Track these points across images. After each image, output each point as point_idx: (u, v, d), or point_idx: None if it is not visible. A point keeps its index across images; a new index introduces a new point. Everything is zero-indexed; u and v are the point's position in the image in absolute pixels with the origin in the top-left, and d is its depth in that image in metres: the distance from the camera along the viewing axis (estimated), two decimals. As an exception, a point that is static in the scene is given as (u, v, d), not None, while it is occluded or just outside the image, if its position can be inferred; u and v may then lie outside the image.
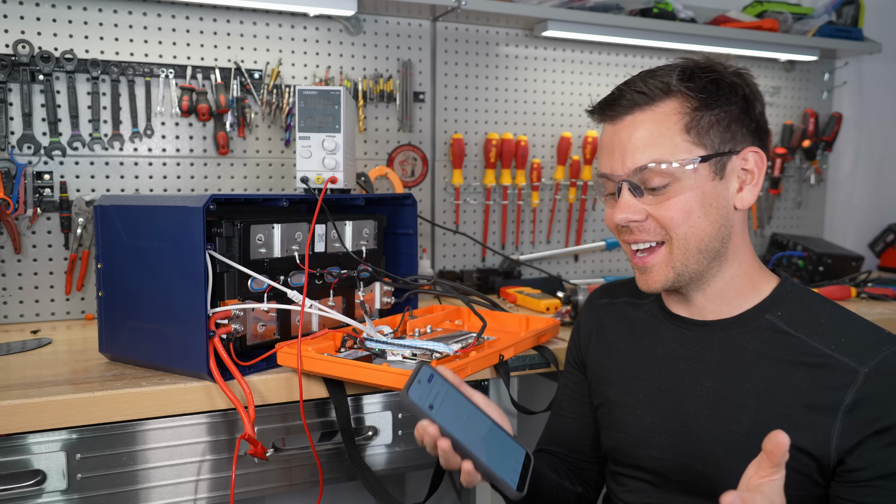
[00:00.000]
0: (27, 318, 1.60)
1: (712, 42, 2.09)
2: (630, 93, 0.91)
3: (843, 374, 0.84)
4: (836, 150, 2.54)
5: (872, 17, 2.41)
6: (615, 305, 1.10)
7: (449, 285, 1.49)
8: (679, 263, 0.91)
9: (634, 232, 0.93)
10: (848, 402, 0.83)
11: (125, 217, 1.16)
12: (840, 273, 2.08)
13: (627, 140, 0.90)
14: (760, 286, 0.95)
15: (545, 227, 2.15)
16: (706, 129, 0.89)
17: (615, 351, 1.05)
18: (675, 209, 0.89)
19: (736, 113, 0.91)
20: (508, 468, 0.82)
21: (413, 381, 0.80)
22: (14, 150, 1.55)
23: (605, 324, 1.09)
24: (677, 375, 0.96)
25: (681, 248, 0.90)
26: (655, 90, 0.90)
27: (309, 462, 1.20)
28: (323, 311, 1.17)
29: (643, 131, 0.90)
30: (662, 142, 0.89)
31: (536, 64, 2.09)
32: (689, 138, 0.88)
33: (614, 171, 0.92)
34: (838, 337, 0.88)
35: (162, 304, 1.12)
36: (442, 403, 0.82)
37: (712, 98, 0.89)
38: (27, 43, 1.54)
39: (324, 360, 1.09)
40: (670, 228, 0.90)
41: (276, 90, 1.78)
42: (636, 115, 0.91)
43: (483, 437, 0.82)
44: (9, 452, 1.02)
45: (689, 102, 0.89)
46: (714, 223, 0.90)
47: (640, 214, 0.91)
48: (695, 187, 0.89)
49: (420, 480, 1.85)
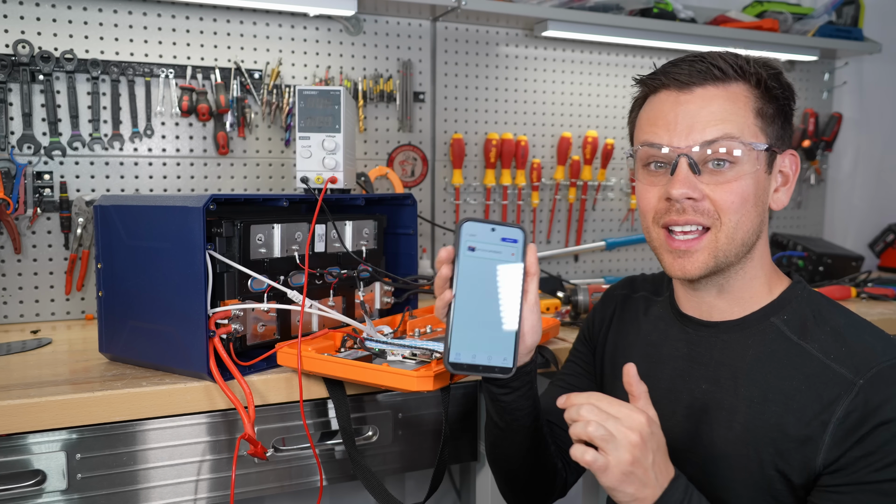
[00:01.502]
0: (27, 318, 1.60)
1: (712, 42, 2.09)
2: (706, 64, 0.87)
3: (839, 385, 0.81)
4: (836, 150, 2.54)
5: (872, 17, 2.41)
6: (633, 299, 1.10)
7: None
8: (722, 253, 0.87)
9: (687, 211, 0.86)
10: (840, 415, 0.80)
11: (125, 217, 1.16)
12: (840, 273, 2.08)
13: (697, 111, 0.86)
14: (774, 288, 0.93)
15: (545, 228, 2.15)
16: (770, 119, 0.88)
17: (624, 344, 1.06)
18: (736, 192, 0.85)
19: (789, 113, 0.91)
20: (471, 346, 0.79)
21: (487, 223, 0.77)
22: (14, 150, 1.55)
23: (619, 315, 1.10)
24: (678, 375, 0.95)
25: (729, 236, 0.86)
26: (730, 69, 0.86)
27: (309, 462, 1.20)
28: (323, 311, 1.17)
29: (717, 105, 0.86)
30: (736, 119, 0.85)
31: (536, 64, 2.09)
32: (758, 123, 0.87)
33: (673, 142, 0.86)
34: (839, 346, 0.84)
35: (162, 304, 1.12)
36: (485, 258, 0.78)
37: (778, 91, 0.88)
38: (27, 43, 1.54)
39: (324, 360, 1.09)
40: (725, 213, 0.86)
41: (276, 90, 1.78)
42: (708, 89, 0.87)
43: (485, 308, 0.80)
44: (9, 452, 1.02)
45: (759, 89, 0.87)
46: (758, 217, 0.88)
47: (698, 193, 0.86)
48: (753, 175, 0.86)
49: (420, 480, 1.85)
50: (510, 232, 0.79)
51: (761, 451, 0.84)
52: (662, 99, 0.90)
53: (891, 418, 0.78)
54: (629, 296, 1.11)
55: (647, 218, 0.92)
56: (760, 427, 0.85)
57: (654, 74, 0.92)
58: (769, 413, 0.85)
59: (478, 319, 0.80)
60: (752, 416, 0.86)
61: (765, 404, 0.85)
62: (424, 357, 1.12)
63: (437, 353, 1.11)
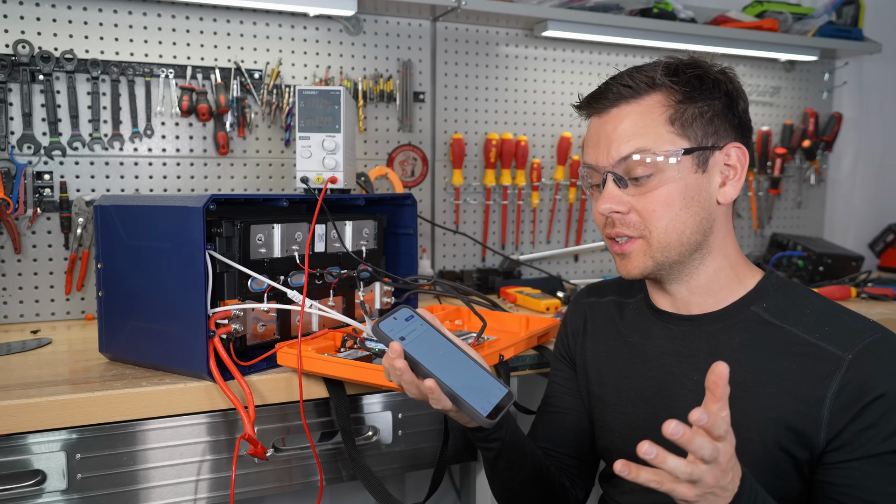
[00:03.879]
0: (27, 318, 1.60)
1: (712, 42, 2.09)
2: (616, 86, 0.93)
3: (829, 362, 0.85)
4: (836, 150, 2.54)
5: (872, 17, 2.41)
6: (602, 304, 1.11)
7: (449, 285, 1.49)
8: (658, 254, 0.92)
9: (617, 225, 0.93)
10: (834, 390, 0.84)
11: (125, 217, 1.16)
12: (840, 273, 2.08)
13: (613, 131, 0.92)
14: (746, 279, 0.96)
15: (545, 227, 2.15)
16: (690, 122, 0.90)
17: (604, 350, 1.06)
18: (658, 201, 0.90)
19: (719, 108, 0.92)
20: (480, 398, 0.83)
21: (388, 317, 0.84)
22: (14, 150, 1.55)
23: (592, 322, 1.10)
24: (667, 371, 0.97)
25: (660, 240, 0.91)
26: (641, 84, 0.91)
27: (309, 462, 1.20)
28: (323, 311, 1.17)
29: (628, 122, 0.91)
30: (647, 132, 0.90)
31: (536, 64, 2.09)
32: (673, 130, 0.90)
33: (599, 161, 0.93)
34: (822, 326, 0.89)
35: (162, 304, 1.12)
36: (416, 338, 0.84)
37: (696, 92, 0.91)
38: (27, 43, 1.54)
39: (323, 360, 1.09)
40: (651, 222, 0.91)
41: (276, 90, 1.78)
42: (622, 108, 0.92)
43: (456, 368, 0.84)
44: (9, 452, 1.02)
45: (674, 96, 0.91)
46: (695, 216, 0.91)
47: (623, 206, 0.92)
48: (678, 179, 0.90)
49: (420, 480, 1.85)
50: (401, 313, 0.87)
51: (762, 432, 0.87)
52: (591, 123, 0.97)
53: (885, 391, 0.82)
54: (597, 302, 1.12)
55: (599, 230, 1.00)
56: (757, 410, 0.87)
57: (580, 104, 0.98)
58: (764, 395, 0.88)
59: (463, 379, 0.84)
60: (748, 400, 0.88)
61: (758, 387, 0.88)
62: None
63: None
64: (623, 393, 1.01)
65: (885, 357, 0.84)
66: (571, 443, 1.11)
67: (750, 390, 0.88)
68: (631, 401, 0.99)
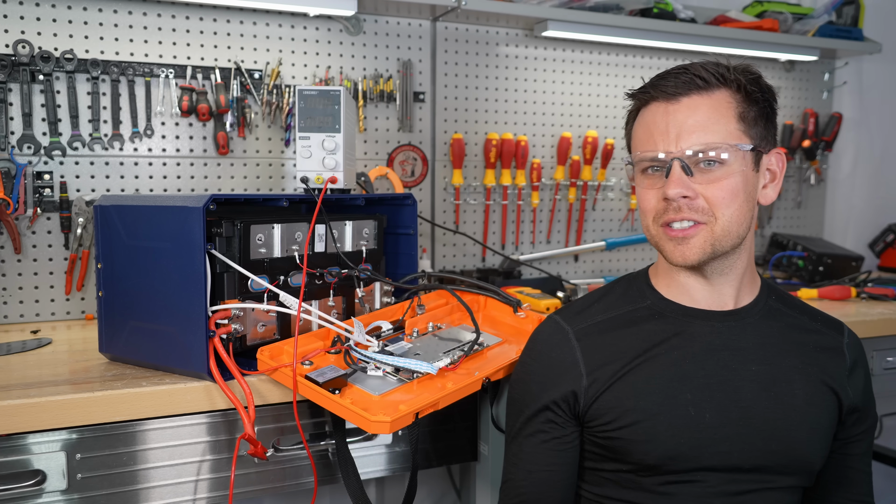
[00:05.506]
0: (27, 318, 1.60)
1: (712, 42, 2.09)
2: (689, 75, 0.95)
3: (835, 342, 1.03)
4: (836, 150, 2.54)
5: (872, 17, 2.41)
6: (602, 323, 1.02)
7: (459, 279, 1.49)
8: (718, 242, 0.95)
9: (683, 210, 0.94)
10: (847, 366, 1.02)
11: (125, 217, 1.16)
12: (840, 273, 2.08)
13: (684, 121, 0.94)
14: (756, 276, 1.05)
15: (545, 227, 2.15)
16: (753, 122, 0.96)
17: (633, 363, 0.97)
18: (726, 190, 0.93)
19: (770, 114, 0.99)
20: None
21: None
22: (14, 150, 1.55)
23: (599, 344, 1.00)
24: (723, 366, 0.97)
25: (724, 228, 0.94)
26: (712, 77, 0.94)
27: (308, 462, 1.20)
28: (312, 315, 1.16)
29: (702, 114, 0.94)
30: (719, 126, 0.93)
31: (536, 64, 2.09)
32: (741, 126, 0.95)
33: (668, 147, 0.94)
34: (815, 315, 1.06)
35: (162, 304, 1.12)
36: None
37: (759, 94, 0.96)
38: (27, 43, 1.54)
39: (294, 378, 1.05)
40: (717, 208, 0.93)
41: (276, 90, 1.78)
42: (693, 98, 0.94)
43: None
44: (9, 452, 1.02)
45: (741, 94, 0.95)
46: (749, 211, 0.97)
47: (692, 192, 0.93)
48: (742, 173, 0.94)
49: (420, 481, 1.85)
50: None
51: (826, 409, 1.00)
52: (653, 110, 0.97)
53: (865, 364, 1.05)
54: (593, 325, 1.02)
55: (647, 217, 1.00)
56: (815, 387, 0.99)
57: (644, 88, 0.99)
58: (813, 373, 0.99)
59: None
60: (804, 380, 0.98)
61: (807, 367, 0.99)
62: (405, 376, 1.09)
63: (418, 373, 1.08)
64: (677, 397, 0.95)
65: (855, 337, 1.06)
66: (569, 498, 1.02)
67: (802, 371, 0.99)
68: (690, 403, 0.95)
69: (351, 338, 1.15)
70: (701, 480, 0.94)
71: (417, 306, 1.33)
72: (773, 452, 0.95)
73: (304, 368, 1.09)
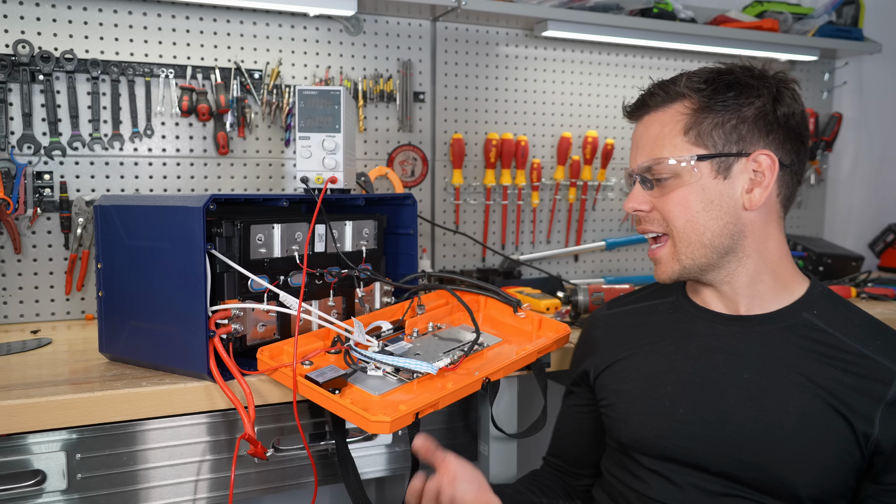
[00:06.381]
0: (27, 318, 1.60)
1: (712, 42, 2.09)
2: (649, 95, 1.01)
3: (883, 373, 0.89)
4: (836, 150, 2.54)
5: (872, 17, 2.41)
6: (627, 311, 1.14)
7: (459, 279, 1.49)
8: (684, 257, 0.98)
9: (642, 222, 1.02)
10: (888, 399, 0.88)
11: (125, 217, 1.16)
12: (840, 273, 2.08)
13: (641, 137, 1.01)
14: (793, 286, 1.00)
15: (545, 227, 2.15)
16: (708, 131, 0.95)
17: (634, 349, 1.07)
18: (674, 202, 0.97)
19: (750, 115, 0.94)
20: None
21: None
22: (14, 150, 1.55)
23: (617, 328, 1.13)
24: (713, 368, 0.98)
25: (682, 240, 0.97)
26: (667, 93, 0.99)
27: (308, 462, 1.20)
28: (312, 315, 1.16)
29: (652, 130, 0.99)
30: (663, 141, 0.97)
31: (536, 64, 2.10)
32: (686, 139, 0.96)
33: (632, 165, 1.03)
34: (875, 338, 0.93)
35: (162, 304, 1.12)
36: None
37: (719, 101, 0.94)
38: (27, 43, 1.54)
39: (288, 377, 1.05)
40: (669, 221, 0.98)
41: (276, 90, 1.78)
42: (651, 115, 1.01)
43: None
44: (9, 452, 1.02)
45: (693, 105, 0.96)
46: (717, 220, 0.95)
47: (645, 205, 1.00)
48: (693, 183, 0.95)
49: (420, 480, 1.85)
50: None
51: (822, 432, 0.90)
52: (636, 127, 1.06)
53: None
54: (622, 310, 1.15)
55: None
56: (817, 408, 0.90)
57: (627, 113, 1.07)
58: (822, 396, 0.90)
59: None
60: (807, 399, 0.91)
61: (816, 388, 0.91)
62: (405, 376, 1.09)
63: (418, 373, 1.09)
64: (658, 387, 1.01)
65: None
66: (586, 462, 1.18)
67: (807, 389, 0.91)
68: (667, 395, 1.00)
69: (351, 338, 1.15)
70: (668, 472, 0.98)
71: (417, 306, 1.33)
72: (742, 463, 0.92)
73: (304, 368, 1.09)
